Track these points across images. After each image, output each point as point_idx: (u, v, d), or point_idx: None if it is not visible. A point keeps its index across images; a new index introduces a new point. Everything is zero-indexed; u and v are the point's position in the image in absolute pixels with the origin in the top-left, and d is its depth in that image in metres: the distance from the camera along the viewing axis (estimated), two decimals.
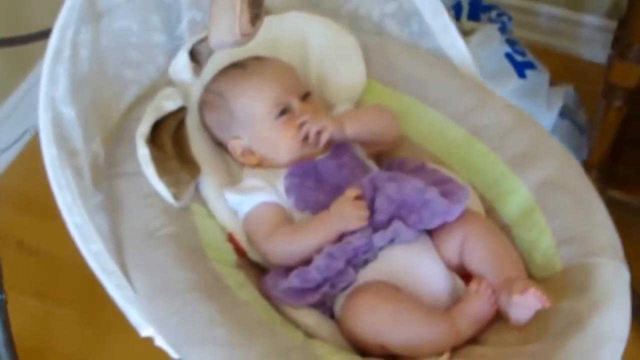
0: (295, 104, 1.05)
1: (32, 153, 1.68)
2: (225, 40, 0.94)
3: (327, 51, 1.17)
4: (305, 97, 1.07)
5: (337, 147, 1.05)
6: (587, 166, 1.46)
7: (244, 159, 1.07)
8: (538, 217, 0.98)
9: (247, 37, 0.94)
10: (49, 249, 1.59)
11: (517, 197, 1.01)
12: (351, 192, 0.95)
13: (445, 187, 0.98)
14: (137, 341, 1.42)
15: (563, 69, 1.77)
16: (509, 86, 1.61)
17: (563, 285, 0.91)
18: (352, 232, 0.94)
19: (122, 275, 0.95)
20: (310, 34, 1.17)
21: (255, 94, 1.05)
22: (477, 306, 0.90)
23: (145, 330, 0.93)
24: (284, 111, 1.05)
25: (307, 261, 0.94)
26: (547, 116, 1.63)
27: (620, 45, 1.29)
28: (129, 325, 1.45)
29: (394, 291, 0.92)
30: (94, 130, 1.06)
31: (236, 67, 1.09)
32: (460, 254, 0.96)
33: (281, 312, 0.94)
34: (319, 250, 0.94)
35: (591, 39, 1.76)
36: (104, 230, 0.98)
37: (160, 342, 0.93)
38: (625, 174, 1.00)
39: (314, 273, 0.92)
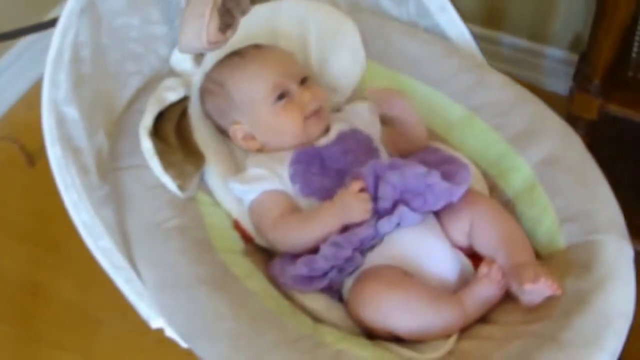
0: (294, 87, 1.05)
1: None
2: (193, 46, 0.94)
3: (326, 36, 1.17)
4: (304, 81, 1.07)
5: (342, 133, 1.06)
6: None
7: (246, 144, 1.08)
8: (540, 195, 0.99)
9: (214, 45, 0.93)
10: None
11: (519, 174, 1.02)
12: (356, 185, 0.95)
13: (448, 167, 0.98)
14: (73, 357, 1.37)
15: None
16: None
17: (567, 263, 0.92)
18: (358, 224, 0.94)
19: (130, 270, 0.96)
20: (309, 19, 1.18)
21: (253, 80, 1.06)
22: (486, 289, 0.91)
23: (155, 322, 0.95)
24: (282, 95, 1.05)
25: (313, 248, 0.95)
26: None
27: (581, 78, 1.31)
28: (64, 343, 1.40)
29: (401, 277, 0.92)
30: (98, 122, 1.07)
31: (235, 55, 1.10)
32: (469, 236, 0.97)
33: (289, 298, 0.95)
34: (324, 239, 0.94)
35: (554, 70, 1.78)
36: (110, 223, 1.00)
37: (170, 332, 0.94)
38: None
39: (321, 262, 0.93)
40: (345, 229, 0.95)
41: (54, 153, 0.97)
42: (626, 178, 1.36)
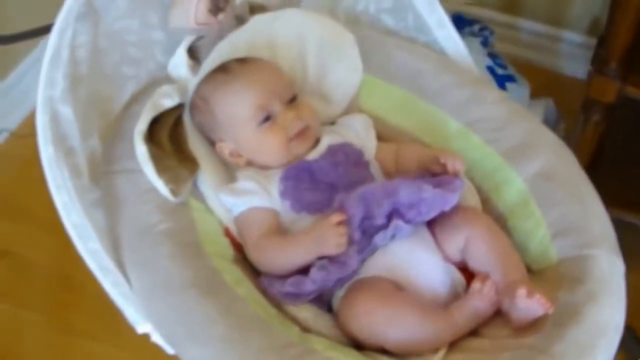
0: (278, 108, 1.04)
1: (4, 154, 1.66)
2: (181, 26, 0.93)
3: (325, 47, 1.17)
4: (292, 100, 1.06)
5: (332, 147, 1.05)
6: None
7: (233, 160, 1.08)
8: (533, 209, 0.99)
9: (203, 26, 0.92)
10: (18, 251, 1.55)
11: (512, 188, 1.02)
12: (335, 217, 0.93)
13: (441, 178, 0.98)
14: (103, 349, 1.41)
15: (544, 83, 1.77)
16: None
17: (559, 276, 0.92)
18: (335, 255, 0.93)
19: (118, 272, 0.96)
20: (307, 30, 1.17)
21: (236, 101, 1.05)
22: (478, 304, 0.90)
23: (142, 326, 0.94)
24: (266, 117, 1.04)
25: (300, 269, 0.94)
26: None
27: (599, 61, 1.31)
28: (96, 333, 1.44)
29: (391, 291, 0.92)
30: (92, 126, 1.06)
31: (220, 72, 1.08)
32: (463, 252, 0.96)
33: (278, 307, 0.94)
34: (300, 267, 0.94)
35: (572, 54, 1.78)
36: (101, 226, 0.99)
37: (156, 338, 0.93)
38: (604, 187, 1.01)
39: (309, 285, 0.92)
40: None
41: (47, 152, 0.96)
42: None
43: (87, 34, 1.04)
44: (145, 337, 1.04)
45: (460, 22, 1.75)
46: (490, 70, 1.66)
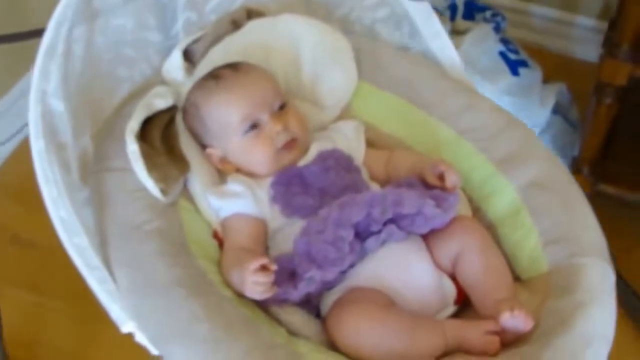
0: (265, 118, 1.03)
1: (29, 147, 1.69)
2: None
3: (320, 53, 1.17)
4: (281, 107, 1.05)
5: (322, 153, 1.05)
6: (579, 162, 1.48)
7: (221, 166, 1.07)
8: (525, 218, 0.98)
9: None
10: (43, 242, 1.54)
11: (504, 197, 1.02)
12: (255, 263, 0.88)
13: (436, 191, 0.97)
14: (128, 336, 1.43)
15: (556, 67, 1.79)
16: (502, 83, 1.64)
17: (549, 285, 0.92)
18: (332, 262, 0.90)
19: (104, 270, 0.95)
20: (302, 35, 1.17)
21: (224, 109, 1.04)
22: (474, 340, 0.88)
23: (126, 325, 0.93)
24: (253, 126, 1.04)
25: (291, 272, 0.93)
26: (541, 113, 1.65)
27: (610, 44, 1.32)
28: None
29: (379, 309, 0.90)
30: (84, 125, 1.06)
31: (210, 78, 1.08)
32: (454, 264, 0.96)
33: (265, 310, 0.93)
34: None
35: (584, 38, 1.79)
36: (89, 224, 0.98)
37: (140, 338, 0.92)
38: (616, 169, 1.02)
39: (294, 294, 0.91)
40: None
41: (37, 146, 0.95)
42: None
43: (84, 30, 1.04)
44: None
45: (472, 8, 1.76)
46: (503, 55, 1.66)
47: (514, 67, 1.64)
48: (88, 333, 1.49)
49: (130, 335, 1.17)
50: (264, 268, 0.88)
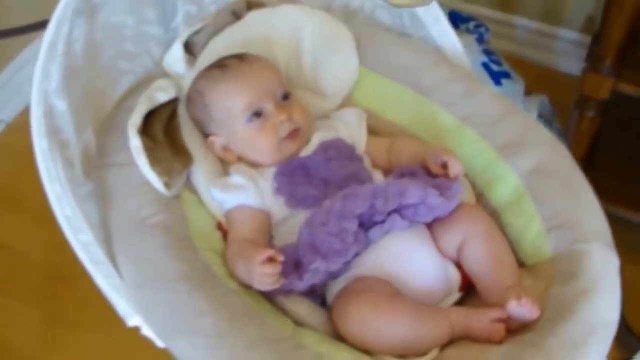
0: (270, 107, 1.04)
1: (2, 145, 1.66)
2: None
3: (321, 42, 1.17)
4: (285, 97, 1.06)
5: (323, 143, 1.05)
6: None
7: (223, 155, 1.08)
8: (528, 204, 0.98)
9: None
10: (13, 244, 1.55)
11: (506, 183, 1.01)
12: (262, 254, 0.88)
13: (440, 181, 0.97)
14: (95, 341, 1.40)
15: (538, 79, 1.78)
16: None
17: (553, 271, 0.92)
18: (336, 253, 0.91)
19: (110, 265, 0.95)
20: (303, 25, 1.17)
21: (229, 97, 1.05)
22: (480, 328, 0.88)
23: (132, 319, 0.94)
24: (257, 114, 1.04)
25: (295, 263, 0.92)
26: None
27: (593, 58, 1.32)
28: (88, 324, 1.43)
29: (383, 299, 0.90)
30: (86, 119, 1.06)
31: (216, 67, 1.09)
32: (459, 252, 0.96)
33: (271, 300, 0.94)
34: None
35: (566, 51, 1.79)
36: (93, 219, 0.99)
37: (146, 331, 0.93)
38: (598, 182, 1.01)
39: (299, 285, 0.91)
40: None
41: (41, 145, 0.96)
42: (636, 157, 1.37)
43: (84, 27, 1.04)
44: (137, 328, 1.04)
45: (456, 18, 1.75)
46: (486, 66, 1.66)
47: (497, 78, 1.64)
48: (53, 337, 1.47)
49: (95, 340, 1.15)
50: (271, 259, 0.88)
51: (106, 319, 1.11)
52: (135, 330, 1.21)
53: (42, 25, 1.06)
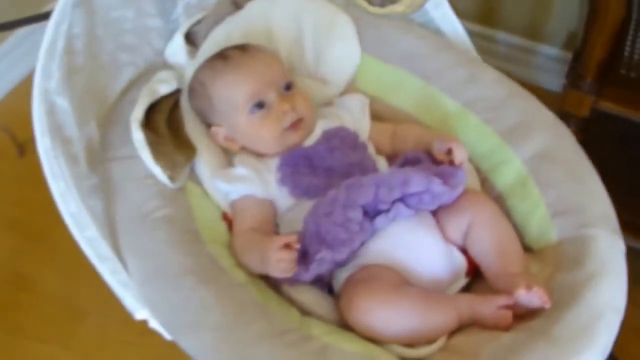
0: (273, 97, 1.04)
1: None
2: None
3: (322, 29, 1.17)
4: (288, 87, 1.05)
5: (327, 132, 1.05)
6: None
7: (226, 145, 1.08)
8: (532, 189, 0.98)
9: None
10: None
11: (510, 168, 1.01)
12: (279, 240, 0.89)
13: (444, 168, 0.96)
14: (53, 349, 1.36)
15: None
16: None
17: (558, 257, 0.91)
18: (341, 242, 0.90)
19: (116, 260, 0.95)
20: (303, 12, 1.17)
21: (232, 87, 1.05)
22: (488, 315, 0.88)
23: (140, 313, 0.94)
24: (260, 105, 1.03)
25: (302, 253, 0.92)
26: None
27: (574, 75, 1.31)
28: (46, 332, 1.39)
29: (391, 288, 0.90)
30: (89, 113, 1.06)
31: (219, 58, 1.08)
32: (465, 238, 0.96)
33: (277, 290, 0.94)
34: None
35: (548, 68, 1.78)
36: (98, 214, 0.99)
37: (154, 324, 0.93)
38: None
39: (306, 275, 0.91)
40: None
41: (43, 143, 0.96)
42: (617, 175, 1.35)
43: (83, 23, 1.03)
44: (97, 339, 1.01)
45: None
46: None
47: None
48: (11, 345, 1.41)
49: (54, 348, 1.11)
50: (287, 246, 0.88)
51: (64, 329, 1.08)
52: (93, 342, 1.17)
53: (27, 21, 1.04)
